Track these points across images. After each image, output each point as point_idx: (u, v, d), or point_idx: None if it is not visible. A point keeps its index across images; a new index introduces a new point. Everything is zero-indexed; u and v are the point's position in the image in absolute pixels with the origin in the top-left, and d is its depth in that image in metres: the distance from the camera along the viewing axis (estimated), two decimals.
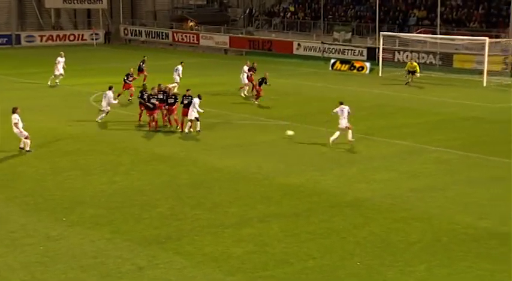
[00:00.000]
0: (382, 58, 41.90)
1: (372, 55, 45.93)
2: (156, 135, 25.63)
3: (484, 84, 36.79)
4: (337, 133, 23.67)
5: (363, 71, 43.62)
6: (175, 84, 33.85)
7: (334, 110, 23.96)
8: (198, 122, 25.85)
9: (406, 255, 14.55)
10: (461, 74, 39.46)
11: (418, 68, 37.48)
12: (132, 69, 33.19)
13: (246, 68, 33.59)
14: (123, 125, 27.03)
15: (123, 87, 31.58)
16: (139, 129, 26.12)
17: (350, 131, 23.86)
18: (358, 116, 29.19)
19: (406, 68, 37.71)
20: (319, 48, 50.07)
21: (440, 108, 31.03)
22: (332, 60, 46.06)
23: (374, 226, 16.14)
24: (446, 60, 41.85)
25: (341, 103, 24.04)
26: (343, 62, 45.47)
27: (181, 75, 34.77)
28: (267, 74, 32.72)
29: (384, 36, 42.59)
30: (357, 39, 49.67)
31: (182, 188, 19.03)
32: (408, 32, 46.03)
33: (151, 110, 26.16)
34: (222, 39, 55.64)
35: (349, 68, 44.53)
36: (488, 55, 37.78)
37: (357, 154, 22.94)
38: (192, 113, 25.54)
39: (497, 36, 41.99)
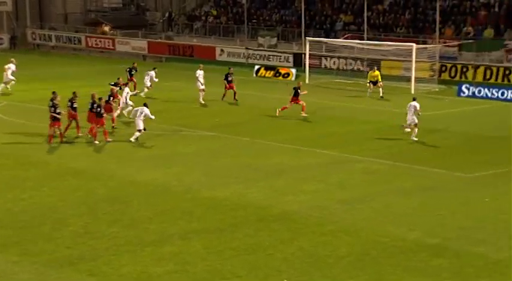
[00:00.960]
0: (309, 64, 42.53)
1: (298, 61, 46.52)
2: (69, 147, 25.14)
3: (412, 92, 37.79)
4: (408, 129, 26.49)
5: (289, 78, 44.09)
6: (146, 89, 35.33)
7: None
8: (138, 134, 26.09)
9: (335, 270, 14.77)
10: (389, 81, 40.42)
11: (380, 77, 36.99)
12: (120, 78, 32.91)
13: (199, 72, 34.56)
14: (33, 138, 26.40)
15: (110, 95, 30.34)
16: (48, 142, 25.55)
17: (415, 130, 26.38)
18: (284, 126, 29.51)
19: (367, 79, 37.00)
20: (244, 54, 50.34)
21: (369, 116, 31.73)
22: (256, 67, 46.41)
23: (302, 240, 16.32)
24: (373, 66, 42.81)
25: (414, 99, 27.26)
26: (267, 68, 45.86)
27: (155, 80, 35.87)
28: (301, 83, 33.06)
29: (310, 41, 43.24)
30: (283, 44, 50.24)
31: (98, 204, 18.73)
32: (335, 38, 46.89)
33: (99, 117, 25.80)
34: (139, 44, 55.19)
35: (274, 75, 44.94)
36: (416, 61, 38.91)
37: (283, 164, 23.17)
38: (140, 123, 25.94)
39: (424, 42, 43.31)
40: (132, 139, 26.19)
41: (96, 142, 25.60)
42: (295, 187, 20.55)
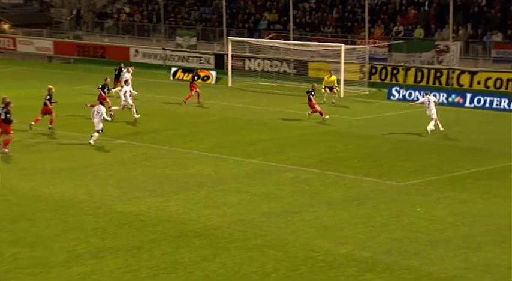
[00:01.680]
0: (231, 66, 42.63)
1: (220, 63, 46.59)
2: None
3: (342, 95, 38.38)
4: (432, 122, 28.46)
5: (209, 81, 44.06)
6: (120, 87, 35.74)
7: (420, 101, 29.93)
8: (97, 135, 26.73)
9: None
10: (317, 84, 40.87)
11: (336, 82, 36.77)
12: (108, 79, 33.35)
13: (127, 75, 34.93)
14: None
15: (98, 99, 30.92)
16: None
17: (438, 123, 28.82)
18: (204, 132, 29.49)
19: (323, 85, 36.47)
20: (161, 55, 50.09)
21: (295, 122, 32.04)
22: (173, 69, 46.22)
23: (225, 256, 16.29)
24: (300, 68, 43.30)
25: (426, 93, 29.93)
26: (185, 71, 45.70)
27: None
28: (315, 86, 33.29)
29: (232, 41, 43.40)
30: (203, 45, 50.25)
31: None
32: (259, 37, 47.22)
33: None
34: (44, 44, 54.12)
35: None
36: (345, 63, 39.58)
37: (204, 175, 23.11)
38: (99, 124, 26.70)
39: (353, 43, 44.10)
40: (91, 141, 26.64)
41: (91, 142, 26.54)
42: (217, 199, 20.52)
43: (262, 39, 45.72)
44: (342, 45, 39.81)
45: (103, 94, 31.91)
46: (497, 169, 24.01)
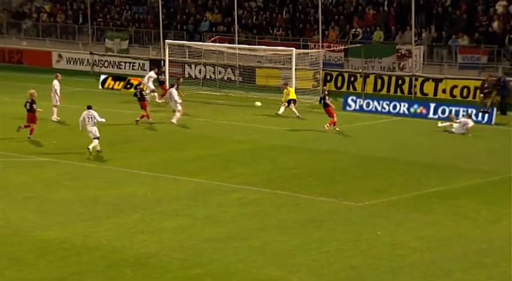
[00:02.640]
0: (169, 73, 42.56)
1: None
2: None
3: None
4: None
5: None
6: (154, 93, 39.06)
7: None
8: (97, 141, 27.87)
9: None
10: (265, 93, 41.17)
11: (294, 93, 36.59)
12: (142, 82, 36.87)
13: (56, 82, 35.41)
14: None
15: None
16: None
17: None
18: (139, 148, 29.35)
19: (283, 99, 36.49)
20: (88, 60, 49.74)
21: (242, 135, 32.14)
22: (102, 77, 45.92)
23: None
24: (247, 75, 43.50)
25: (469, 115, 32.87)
26: (116, 78, 45.46)
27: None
28: (326, 90, 34.34)
29: (170, 45, 43.36)
30: (137, 49, 50.08)
31: None
32: (200, 40, 47.27)
33: None
34: None
35: (125, 86, 44.58)
36: (296, 69, 39.88)
37: (138, 196, 23.02)
38: (95, 129, 27.93)
39: (305, 46, 44.47)
40: (90, 147, 27.76)
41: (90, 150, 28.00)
42: (154, 223, 20.43)
43: (204, 43, 45.80)
44: (293, 49, 40.13)
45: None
46: (466, 187, 24.44)
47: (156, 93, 39.72)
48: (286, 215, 21.47)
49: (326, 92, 33.96)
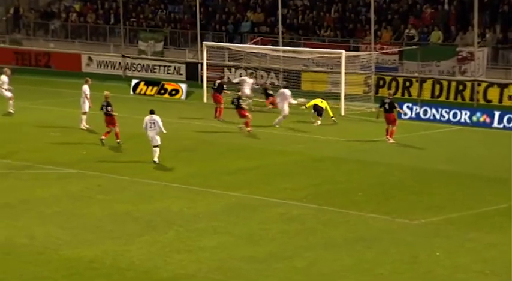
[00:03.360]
0: (207, 78, 42.64)
1: (193, 74, 46.62)
2: None
3: (342, 113, 38.47)
4: None
5: (177, 96, 44.02)
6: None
7: None
8: (158, 150, 28.53)
9: None
10: (312, 99, 40.99)
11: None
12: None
13: (86, 87, 35.69)
14: None
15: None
16: None
17: None
18: (174, 158, 29.47)
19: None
20: (120, 63, 50.06)
21: (286, 145, 32.13)
22: (134, 82, 46.14)
23: None
24: (292, 80, 43.36)
25: None
26: (149, 83, 45.64)
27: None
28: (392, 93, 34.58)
29: (208, 47, 43.47)
30: (172, 51, 50.31)
31: None
32: (241, 42, 47.33)
33: None
34: None
35: (158, 92, 44.77)
36: (346, 74, 39.71)
37: (173, 211, 23.07)
38: (157, 137, 28.51)
39: (356, 49, 44.32)
40: (155, 159, 28.27)
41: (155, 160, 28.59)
42: (191, 241, 20.48)
43: (245, 45, 45.83)
44: (343, 51, 39.95)
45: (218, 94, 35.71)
46: None
47: (250, 101, 39.41)
48: (333, 233, 21.39)
49: (391, 97, 33.52)
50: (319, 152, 30.93)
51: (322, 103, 36.27)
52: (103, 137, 31.13)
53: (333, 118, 36.31)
